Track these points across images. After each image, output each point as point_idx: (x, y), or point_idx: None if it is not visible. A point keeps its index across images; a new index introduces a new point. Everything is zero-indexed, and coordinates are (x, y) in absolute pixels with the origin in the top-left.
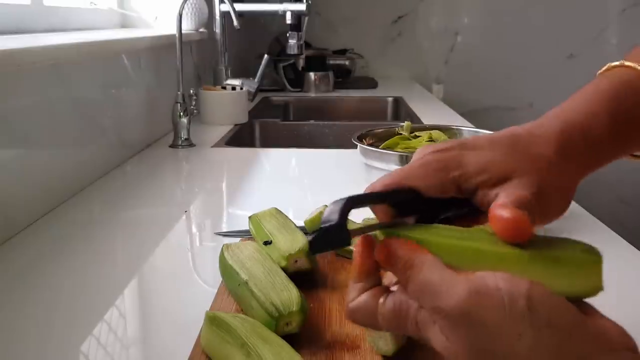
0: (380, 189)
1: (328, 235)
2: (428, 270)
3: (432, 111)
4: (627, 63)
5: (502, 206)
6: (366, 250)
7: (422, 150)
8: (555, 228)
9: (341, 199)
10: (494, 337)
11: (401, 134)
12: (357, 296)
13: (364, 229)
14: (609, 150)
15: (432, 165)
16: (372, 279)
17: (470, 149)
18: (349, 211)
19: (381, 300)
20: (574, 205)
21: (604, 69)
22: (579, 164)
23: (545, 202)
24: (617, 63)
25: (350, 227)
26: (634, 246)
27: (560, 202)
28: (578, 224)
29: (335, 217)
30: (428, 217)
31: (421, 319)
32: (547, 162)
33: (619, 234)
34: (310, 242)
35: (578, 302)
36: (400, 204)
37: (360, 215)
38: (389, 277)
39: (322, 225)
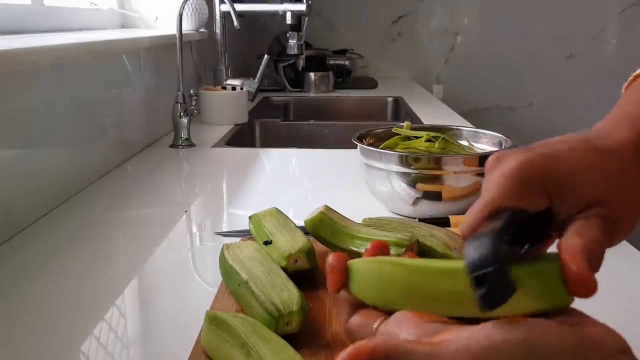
0: (481, 216)
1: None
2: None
3: (432, 111)
4: None
5: (572, 254)
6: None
7: (494, 162)
8: None
9: (484, 235)
10: None
11: (399, 134)
12: (347, 315)
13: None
14: None
15: (524, 179)
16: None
17: (556, 159)
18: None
19: (374, 326)
20: None
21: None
22: None
23: (619, 227)
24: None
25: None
26: (634, 246)
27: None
28: None
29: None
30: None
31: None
32: (628, 179)
33: None
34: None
35: (566, 311)
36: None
37: (360, 215)
38: None
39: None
